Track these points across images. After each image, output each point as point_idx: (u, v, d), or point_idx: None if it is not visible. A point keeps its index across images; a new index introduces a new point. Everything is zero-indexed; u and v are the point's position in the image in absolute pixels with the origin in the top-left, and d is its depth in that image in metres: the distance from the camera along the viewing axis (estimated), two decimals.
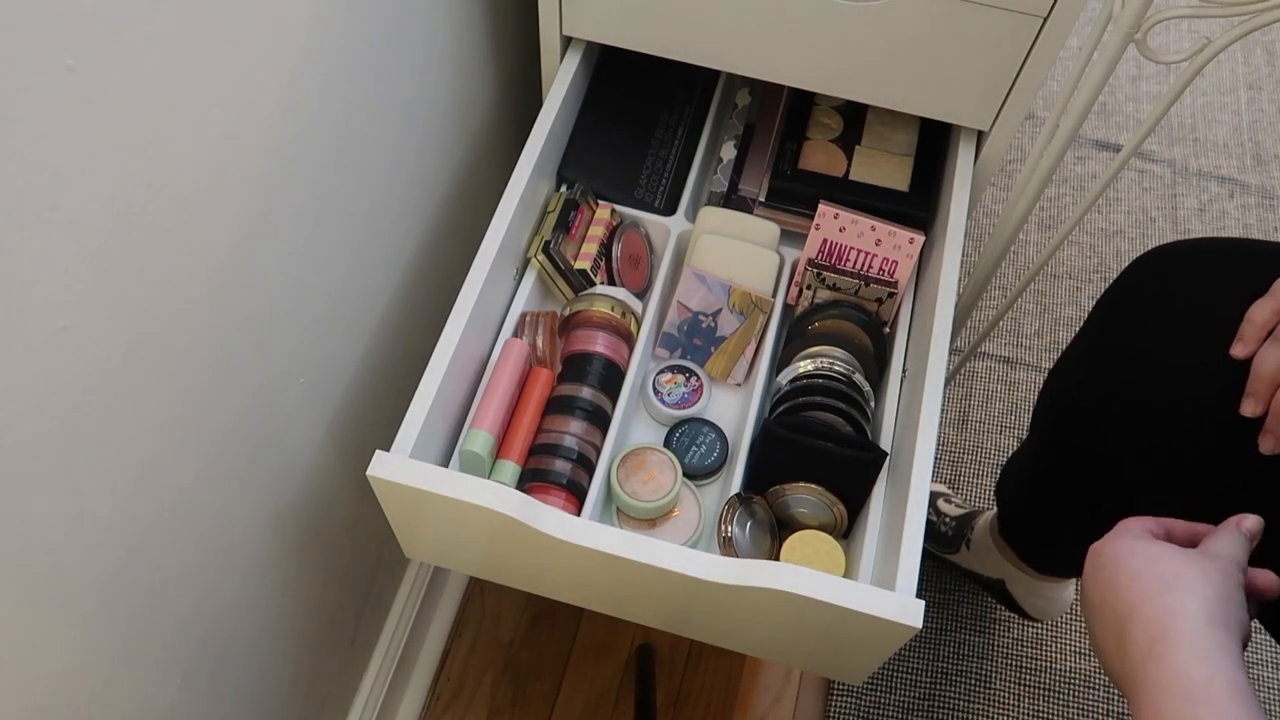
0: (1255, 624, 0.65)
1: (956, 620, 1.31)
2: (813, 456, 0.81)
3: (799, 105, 1.00)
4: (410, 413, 0.74)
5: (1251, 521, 0.61)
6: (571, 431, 0.82)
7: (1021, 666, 1.29)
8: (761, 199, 0.96)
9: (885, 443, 0.84)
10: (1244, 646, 0.56)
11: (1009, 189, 1.71)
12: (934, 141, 0.97)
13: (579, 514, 0.81)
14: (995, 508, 1.16)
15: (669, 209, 0.97)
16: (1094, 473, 0.86)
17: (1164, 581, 0.57)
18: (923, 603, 0.67)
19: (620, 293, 0.89)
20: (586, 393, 0.84)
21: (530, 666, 1.29)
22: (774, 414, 0.85)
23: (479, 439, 0.80)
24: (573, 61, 0.94)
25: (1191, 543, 0.62)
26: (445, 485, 0.69)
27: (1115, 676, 0.58)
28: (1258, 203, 1.73)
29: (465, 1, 0.90)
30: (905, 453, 0.79)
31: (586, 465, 0.82)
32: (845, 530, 0.85)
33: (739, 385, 0.93)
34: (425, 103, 0.87)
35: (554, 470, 0.81)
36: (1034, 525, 1.09)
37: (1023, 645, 1.30)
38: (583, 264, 0.90)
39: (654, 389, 0.91)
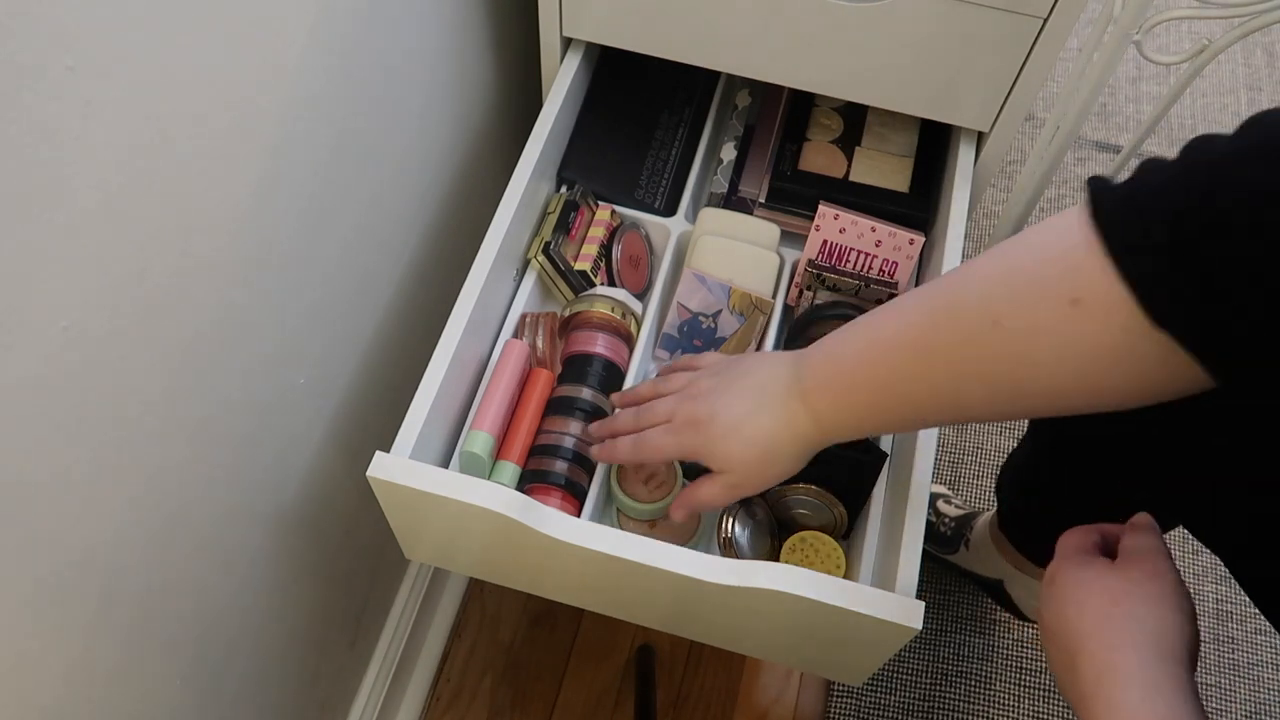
0: (1257, 613, 0.65)
1: (956, 621, 1.31)
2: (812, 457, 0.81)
3: (799, 106, 1.00)
4: (410, 413, 0.74)
5: (1144, 515, 0.64)
6: (571, 432, 0.82)
7: (1021, 668, 1.29)
8: (761, 200, 0.96)
9: (885, 443, 0.84)
10: (1194, 663, 0.57)
11: (1009, 190, 1.71)
12: (934, 142, 0.97)
13: (579, 515, 0.81)
14: (995, 508, 1.16)
15: (669, 210, 0.97)
16: (1088, 466, 0.87)
17: (1106, 613, 0.58)
18: (922, 604, 0.67)
19: (620, 294, 0.89)
20: (586, 394, 0.84)
21: (530, 668, 1.29)
22: None
23: (479, 440, 0.80)
24: (573, 62, 0.94)
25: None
26: (445, 486, 0.69)
27: (1071, 703, 0.59)
28: None
29: (466, 2, 0.90)
30: (905, 453, 0.79)
31: (586, 466, 0.82)
32: (845, 531, 0.85)
33: None
34: (425, 103, 0.87)
35: (554, 471, 0.81)
36: (1032, 519, 1.09)
37: (1023, 646, 1.30)
38: (583, 265, 0.90)
39: None
